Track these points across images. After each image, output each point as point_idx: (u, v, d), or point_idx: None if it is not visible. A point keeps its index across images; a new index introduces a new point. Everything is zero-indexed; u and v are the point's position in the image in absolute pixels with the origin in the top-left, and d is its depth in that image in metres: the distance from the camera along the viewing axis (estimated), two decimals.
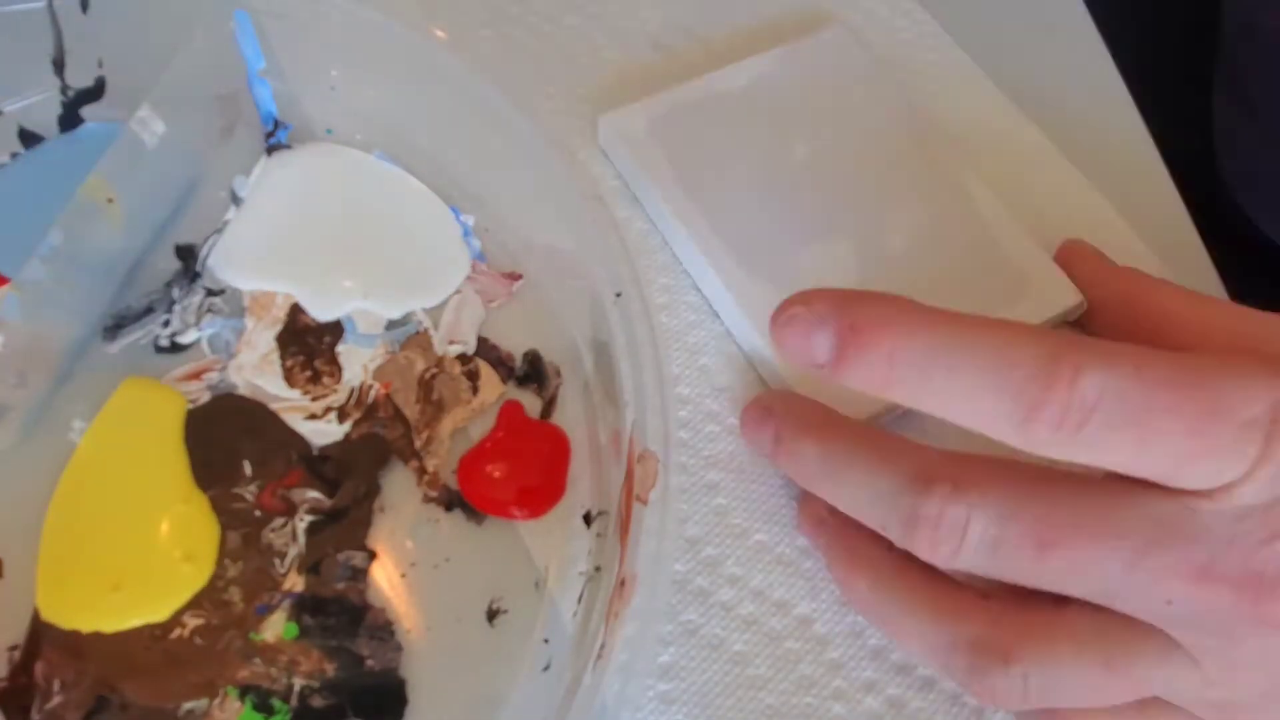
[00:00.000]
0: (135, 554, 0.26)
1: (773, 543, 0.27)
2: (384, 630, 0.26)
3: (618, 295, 0.24)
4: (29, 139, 0.30)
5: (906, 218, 0.31)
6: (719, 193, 0.31)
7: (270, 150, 0.31)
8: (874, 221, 0.31)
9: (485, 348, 0.30)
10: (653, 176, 0.31)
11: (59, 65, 0.30)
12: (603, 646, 0.20)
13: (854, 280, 0.30)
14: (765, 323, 0.26)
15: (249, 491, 0.27)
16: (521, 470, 0.28)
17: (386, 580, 0.26)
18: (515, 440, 0.28)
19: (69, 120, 0.31)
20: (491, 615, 0.26)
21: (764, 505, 0.28)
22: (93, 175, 0.27)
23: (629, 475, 0.22)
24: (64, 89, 0.30)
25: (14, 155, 0.30)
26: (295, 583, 0.26)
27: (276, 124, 0.31)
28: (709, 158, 0.32)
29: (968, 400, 0.19)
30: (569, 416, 0.28)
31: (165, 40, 0.29)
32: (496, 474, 0.28)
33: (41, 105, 0.30)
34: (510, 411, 0.29)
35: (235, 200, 0.31)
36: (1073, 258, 0.30)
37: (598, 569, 0.24)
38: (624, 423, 0.23)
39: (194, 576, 0.26)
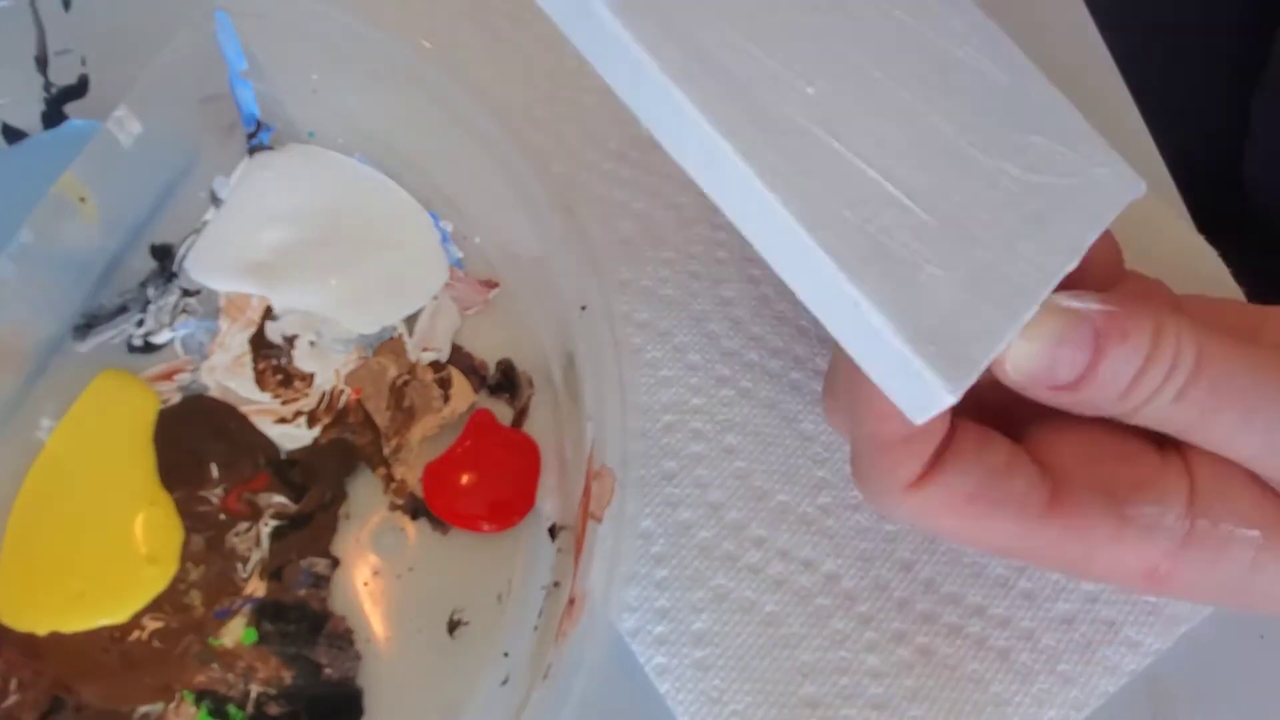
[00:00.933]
0: (98, 555, 0.26)
1: (795, 503, 0.27)
2: (343, 638, 0.26)
3: (582, 309, 0.23)
4: (12, 135, 0.31)
5: (952, 94, 0.23)
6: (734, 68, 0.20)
7: (252, 151, 0.31)
8: (918, 96, 0.22)
9: (459, 355, 0.29)
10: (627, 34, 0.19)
11: (42, 63, 0.30)
12: (550, 666, 0.20)
13: (909, 168, 0.21)
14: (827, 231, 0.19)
15: (215, 494, 0.27)
16: (489, 481, 0.27)
17: (349, 588, 0.26)
18: (484, 449, 0.28)
19: (52, 117, 0.31)
20: (452, 626, 0.26)
21: (783, 466, 0.28)
22: (66, 174, 0.27)
23: (586, 491, 0.22)
24: (47, 86, 0.30)
25: None
26: (256, 588, 0.26)
27: (259, 125, 0.31)
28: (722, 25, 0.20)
29: None
30: (540, 427, 0.28)
31: (149, 39, 0.29)
32: (463, 483, 0.27)
33: (25, 102, 0.30)
34: (480, 420, 0.28)
35: (215, 201, 0.31)
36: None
37: (556, 584, 0.23)
38: (585, 438, 0.22)
39: (156, 579, 0.26)
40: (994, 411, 0.23)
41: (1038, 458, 0.22)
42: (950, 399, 0.19)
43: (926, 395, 0.19)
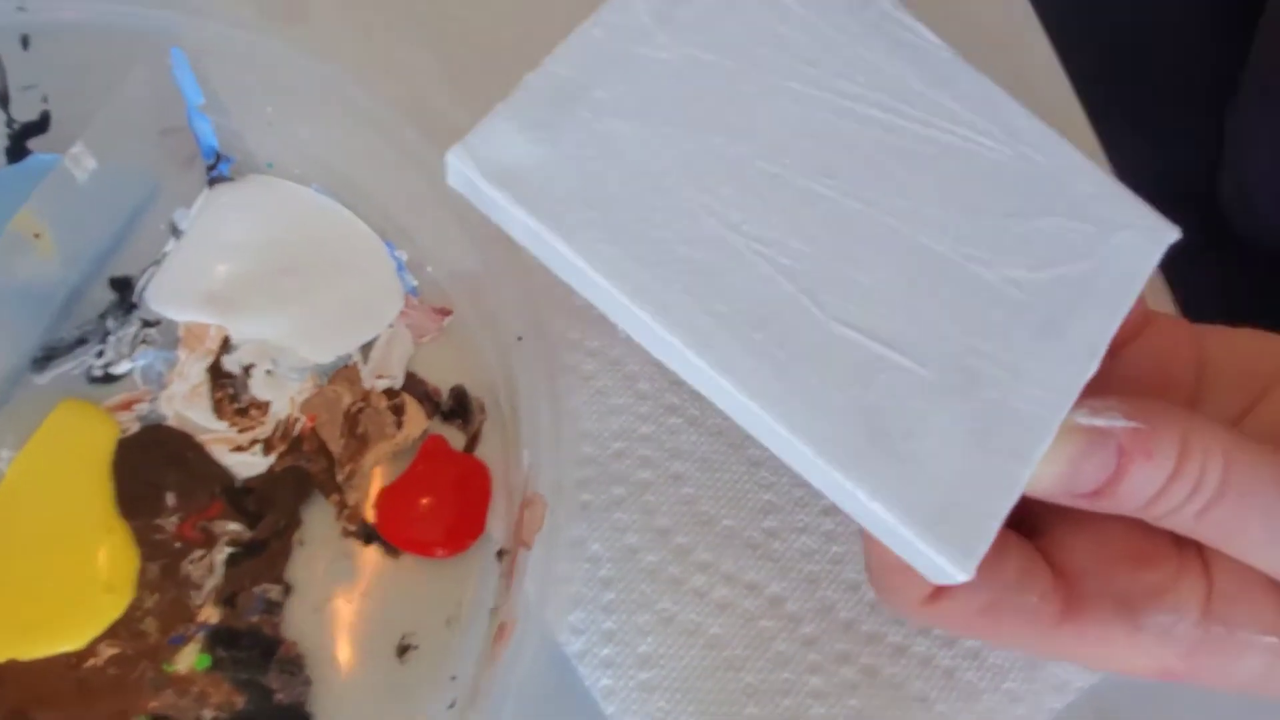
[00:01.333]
0: (56, 583, 0.27)
1: (741, 527, 0.28)
2: (294, 664, 0.26)
3: (519, 339, 0.24)
4: None
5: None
6: (656, 222, 0.19)
7: (211, 183, 0.32)
8: (882, 191, 0.21)
9: (413, 382, 0.30)
10: (546, 222, 0.19)
11: (3, 99, 0.30)
12: (476, 692, 0.21)
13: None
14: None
15: (170, 522, 0.27)
16: (441, 506, 0.28)
17: (301, 614, 0.27)
18: (437, 475, 0.28)
19: (15, 152, 0.31)
20: (402, 650, 0.26)
21: (729, 492, 0.28)
22: (22, 210, 0.27)
23: (519, 518, 0.22)
24: (9, 122, 0.31)
25: None
26: (210, 614, 0.27)
27: (218, 157, 0.32)
28: (625, 167, 0.20)
29: None
30: (491, 452, 0.29)
31: (109, 74, 0.30)
32: (416, 508, 0.28)
33: None
34: (433, 446, 0.29)
35: (175, 232, 0.31)
36: None
37: (493, 610, 0.24)
38: (520, 465, 0.23)
39: (112, 606, 0.26)
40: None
41: (1053, 557, 0.22)
42: (963, 577, 0.18)
43: (939, 571, 0.18)
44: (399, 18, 0.36)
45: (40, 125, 0.31)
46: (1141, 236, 0.22)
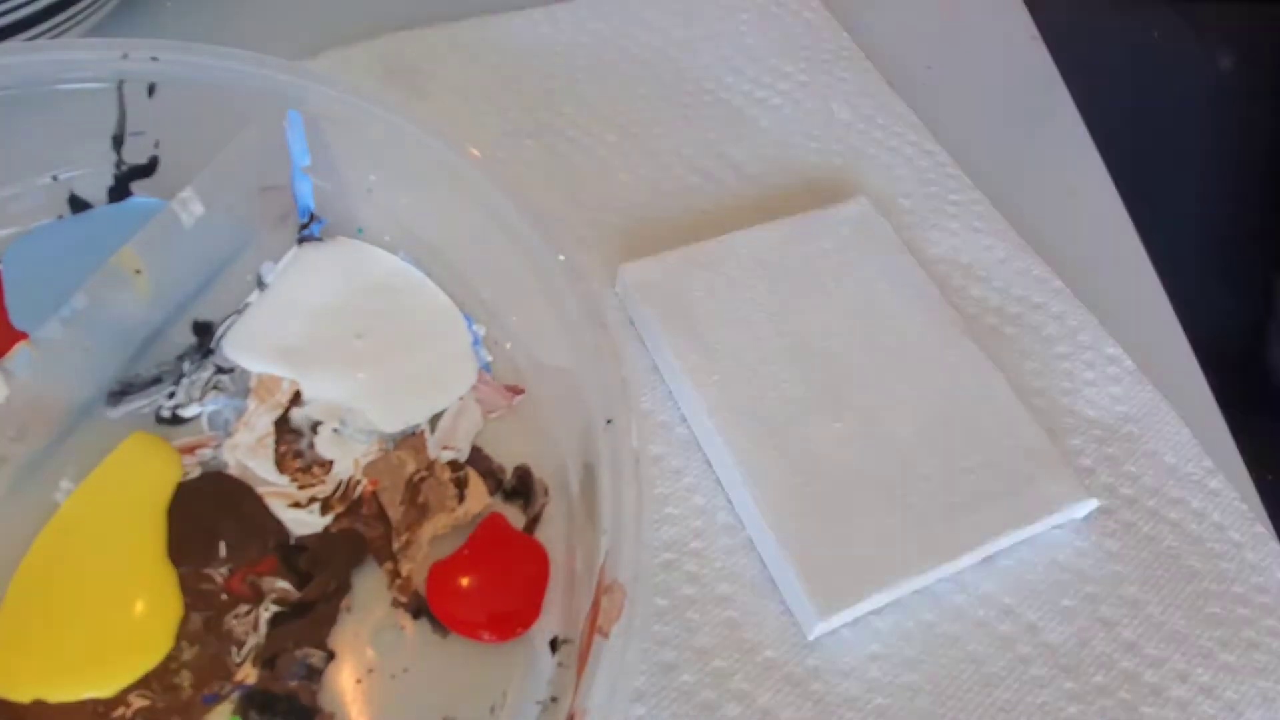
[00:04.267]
0: (95, 625, 0.26)
1: (782, 661, 0.27)
2: None
3: (608, 422, 0.24)
4: (78, 205, 0.32)
5: (916, 396, 0.31)
6: (730, 356, 0.31)
7: (301, 241, 0.32)
8: (884, 397, 0.31)
9: (478, 457, 0.30)
10: (665, 330, 0.32)
11: (118, 141, 0.31)
12: None
13: (857, 454, 0.30)
14: (768, 491, 0.29)
15: (219, 573, 0.27)
16: (495, 587, 0.27)
17: (341, 684, 0.26)
18: (494, 554, 0.28)
19: (118, 193, 0.32)
20: None
21: (774, 623, 0.28)
22: (126, 247, 0.28)
23: (595, 605, 0.22)
24: (119, 164, 0.32)
25: (60, 218, 0.32)
26: (248, 674, 0.26)
27: (312, 217, 0.33)
28: (723, 318, 0.32)
29: None
30: (551, 537, 0.28)
31: (221, 129, 0.31)
32: (468, 587, 0.27)
33: (95, 176, 0.32)
34: (493, 524, 0.28)
35: (260, 284, 0.32)
36: None
37: (554, 699, 0.23)
38: (599, 550, 0.22)
39: (148, 656, 0.26)
40: None
41: None
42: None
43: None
44: (511, 106, 0.38)
45: (148, 169, 0.32)
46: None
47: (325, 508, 0.28)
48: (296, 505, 0.28)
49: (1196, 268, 0.40)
